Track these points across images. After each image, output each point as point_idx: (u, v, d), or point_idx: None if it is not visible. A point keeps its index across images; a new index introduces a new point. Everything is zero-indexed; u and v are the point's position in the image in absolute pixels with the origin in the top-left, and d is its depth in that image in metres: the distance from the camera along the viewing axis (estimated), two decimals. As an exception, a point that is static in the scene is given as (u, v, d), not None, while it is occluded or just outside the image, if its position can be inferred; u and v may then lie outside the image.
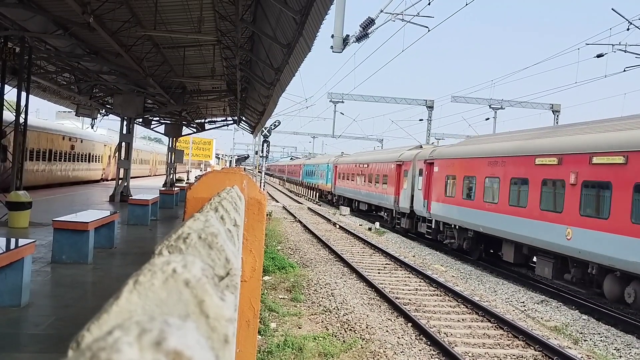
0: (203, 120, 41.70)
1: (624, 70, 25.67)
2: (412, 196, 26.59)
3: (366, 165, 36.30)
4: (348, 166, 41.98)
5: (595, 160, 14.04)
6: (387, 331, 10.41)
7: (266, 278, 14.04)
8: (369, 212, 37.22)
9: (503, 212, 18.10)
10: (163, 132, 37.25)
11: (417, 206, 26.00)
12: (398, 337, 10.09)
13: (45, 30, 17.83)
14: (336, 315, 11.23)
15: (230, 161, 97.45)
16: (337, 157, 50.31)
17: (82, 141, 37.53)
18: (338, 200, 45.30)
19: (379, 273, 16.33)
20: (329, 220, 30.64)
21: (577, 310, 13.93)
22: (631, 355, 10.82)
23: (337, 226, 27.94)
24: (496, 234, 18.58)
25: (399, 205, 28.75)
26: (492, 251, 21.01)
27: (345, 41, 19.98)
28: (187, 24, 17.50)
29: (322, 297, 12.71)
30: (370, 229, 28.71)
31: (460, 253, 21.78)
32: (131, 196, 21.21)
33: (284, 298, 12.57)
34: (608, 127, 14.73)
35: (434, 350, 9.54)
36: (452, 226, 22.16)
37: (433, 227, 24.18)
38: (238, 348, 2.18)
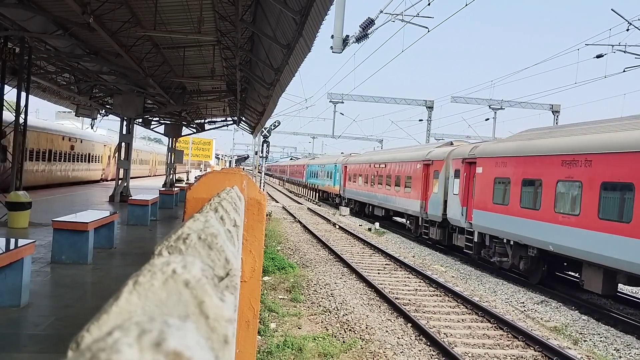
0: (203, 121, 41.72)
1: (624, 71, 25.73)
2: (445, 202, 22.57)
3: (383, 165, 31.97)
4: (360, 166, 37.53)
5: None
6: (386, 331, 10.41)
7: (266, 278, 14.04)
8: (386, 218, 33.32)
9: (588, 227, 13.95)
10: (163, 132, 37.27)
11: (451, 214, 21.83)
12: (398, 338, 10.09)
13: (45, 30, 17.84)
14: (336, 316, 11.23)
15: (230, 161, 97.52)
16: (346, 156, 45.27)
17: (81, 141, 37.54)
18: (348, 204, 40.64)
19: (378, 273, 16.33)
20: (328, 221, 30.63)
21: (576, 311, 13.93)
22: (631, 356, 10.82)
23: (337, 226, 27.94)
24: (576, 255, 14.42)
25: (428, 212, 24.45)
26: (556, 273, 17.41)
27: (345, 41, 20.00)
28: (187, 24, 17.50)
29: (322, 298, 12.71)
30: (370, 230, 28.70)
31: (511, 274, 18.14)
32: (131, 196, 21.21)
33: (283, 298, 12.57)
34: None
35: (433, 351, 9.54)
36: (504, 241, 17.93)
37: (475, 240, 19.77)
38: (238, 348, 2.17)
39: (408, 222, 28.03)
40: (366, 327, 10.47)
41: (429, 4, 17.80)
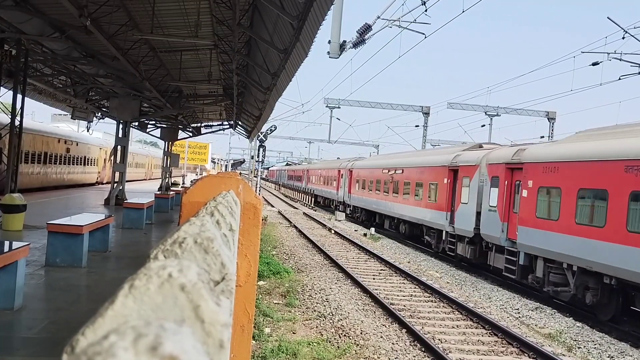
0: (199, 125, 41.70)
1: (619, 79, 25.83)
2: (478, 214, 19.31)
3: (401, 171, 28.94)
4: (371, 171, 34.68)
5: None
6: (381, 337, 10.40)
7: (261, 283, 14.01)
8: (395, 229, 30.40)
9: None
10: (159, 135, 37.22)
11: (487, 229, 18.53)
12: (392, 343, 10.08)
13: (42, 32, 17.82)
14: (331, 321, 11.21)
15: (226, 165, 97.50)
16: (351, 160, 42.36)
17: (77, 144, 37.46)
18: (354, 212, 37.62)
19: (373, 279, 16.32)
20: (324, 226, 30.61)
21: (571, 318, 13.94)
22: (625, 363, 10.84)
23: (333, 231, 27.92)
24: None
25: (455, 226, 21.25)
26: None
27: (342, 47, 20.07)
28: (184, 28, 17.51)
29: (317, 303, 12.69)
30: (365, 235, 28.69)
31: (569, 305, 15.02)
32: (126, 200, 21.16)
33: (278, 303, 12.55)
34: None
35: (428, 357, 9.54)
36: (563, 266, 14.58)
37: (520, 262, 16.46)
38: (232, 353, 2.17)
39: (428, 236, 24.47)
40: (361, 333, 10.46)
41: (426, 11, 17.88)
